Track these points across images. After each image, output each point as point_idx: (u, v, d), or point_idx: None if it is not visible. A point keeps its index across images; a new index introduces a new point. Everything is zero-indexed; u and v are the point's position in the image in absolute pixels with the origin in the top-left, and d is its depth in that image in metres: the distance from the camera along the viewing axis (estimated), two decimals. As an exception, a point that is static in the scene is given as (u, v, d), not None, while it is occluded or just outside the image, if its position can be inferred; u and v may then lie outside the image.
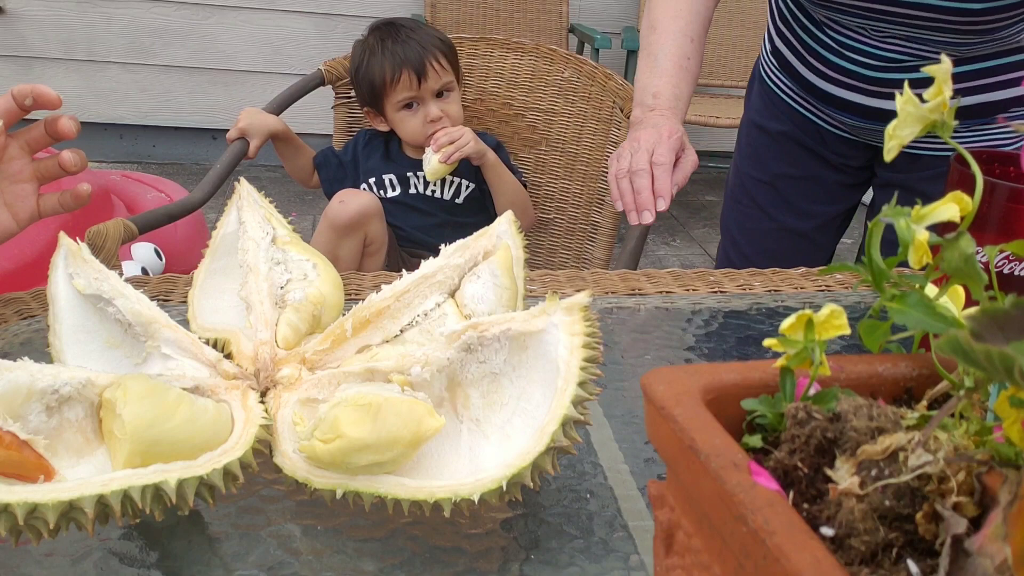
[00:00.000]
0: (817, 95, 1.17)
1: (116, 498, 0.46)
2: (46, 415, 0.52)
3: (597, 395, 0.53)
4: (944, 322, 0.32)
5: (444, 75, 1.52)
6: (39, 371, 0.52)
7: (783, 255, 1.28)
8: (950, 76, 0.36)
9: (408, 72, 1.49)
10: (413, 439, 0.50)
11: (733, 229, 1.37)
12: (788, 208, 1.30)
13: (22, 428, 0.50)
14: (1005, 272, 0.65)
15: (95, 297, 0.61)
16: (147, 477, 0.48)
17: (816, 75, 1.16)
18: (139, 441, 0.49)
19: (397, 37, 1.52)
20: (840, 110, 1.16)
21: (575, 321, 0.53)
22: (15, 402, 0.50)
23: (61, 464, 0.51)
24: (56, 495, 0.45)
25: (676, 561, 0.36)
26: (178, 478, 0.48)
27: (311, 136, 1.68)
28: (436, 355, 0.55)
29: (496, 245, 0.66)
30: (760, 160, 1.31)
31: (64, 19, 3.46)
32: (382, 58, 1.50)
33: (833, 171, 1.27)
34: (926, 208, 0.36)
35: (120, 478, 0.47)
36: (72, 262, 0.62)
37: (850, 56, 1.10)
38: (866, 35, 1.06)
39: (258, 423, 0.54)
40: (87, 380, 0.52)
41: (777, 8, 1.21)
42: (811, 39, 1.14)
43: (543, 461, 0.50)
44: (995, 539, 0.26)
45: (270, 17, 3.56)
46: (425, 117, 1.51)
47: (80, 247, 0.62)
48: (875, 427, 0.32)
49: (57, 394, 0.52)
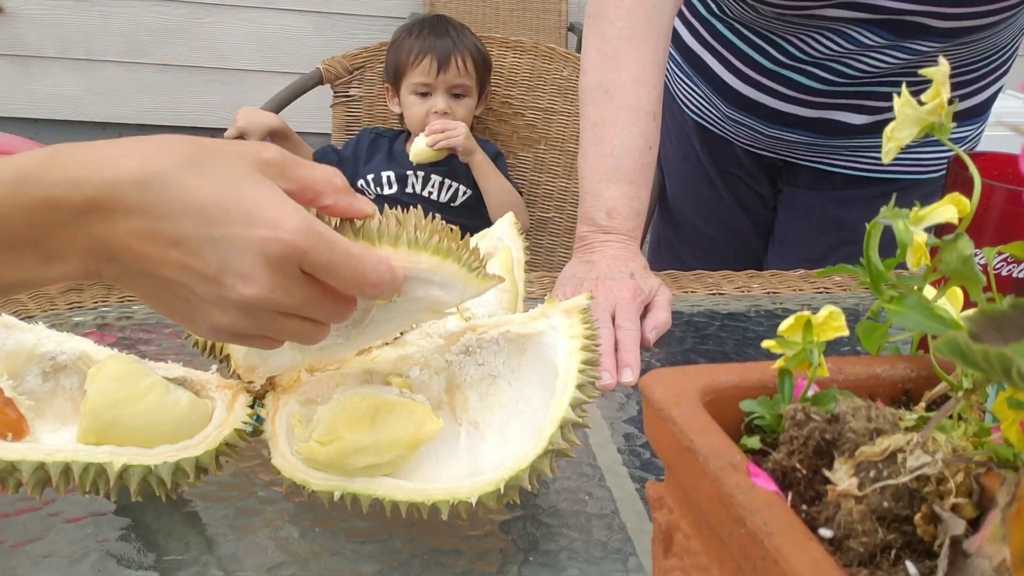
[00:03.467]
0: (738, 102, 1.09)
1: (56, 468, 0.48)
2: (42, 379, 0.55)
3: (595, 398, 0.53)
4: (942, 324, 0.32)
5: (464, 77, 1.56)
6: (47, 337, 0.55)
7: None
8: (948, 79, 0.36)
9: (431, 59, 1.54)
10: (411, 441, 0.50)
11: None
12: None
13: (16, 387, 0.53)
14: (1003, 274, 0.65)
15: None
16: (94, 455, 0.49)
17: (751, 86, 1.06)
18: (95, 419, 0.50)
19: (436, 28, 1.59)
20: (770, 121, 1.08)
21: (574, 324, 0.53)
22: (17, 361, 0.53)
23: (45, 428, 0.53)
24: (1, 454, 0.48)
25: (675, 563, 0.36)
26: (124, 463, 0.49)
27: (309, 135, 1.68)
28: (435, 357, 0.55)
29: (497, 247, 0.66)
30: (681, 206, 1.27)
31: (62, 18, 3.45)
32: (414, 40, 1.57)
33: (741, 211, 1.22)
34: (925, 210, 0.36)
35: (67, 451, 0.49)
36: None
37: (807, 69, 1.01)
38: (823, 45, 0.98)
39: (233, 427, 0.54)
40: (83, 352, 0.55)
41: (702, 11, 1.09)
42: (756, 51, 1.04)
43: (541, 464, 0.50)
44: (993, 540, 0.26)
45: (268, 16, 3.56)
46: (431, 107, 1.55)
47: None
48: (873, 428, 0.32)
49: (54, 361, 0.54)
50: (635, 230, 0.84)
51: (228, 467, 0.57)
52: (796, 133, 1.08)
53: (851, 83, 1.01)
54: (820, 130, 1.07)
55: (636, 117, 0.83)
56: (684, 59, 1.16)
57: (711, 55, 1.10)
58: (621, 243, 0.83)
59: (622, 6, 0.85)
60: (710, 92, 1.13)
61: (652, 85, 0.84)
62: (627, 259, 0.81)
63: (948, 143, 0.39)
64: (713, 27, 1.08)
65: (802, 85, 1.03)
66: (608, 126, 0.84)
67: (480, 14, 3.45)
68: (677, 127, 1.23)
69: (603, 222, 0.83)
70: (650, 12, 0.85)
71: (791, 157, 1.15)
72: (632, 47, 0.84)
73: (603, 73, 0.85)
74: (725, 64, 1.08)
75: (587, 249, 0.83)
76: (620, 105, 0.84)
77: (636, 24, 0.85)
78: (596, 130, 0.84)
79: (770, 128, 1.09)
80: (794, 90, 1.04)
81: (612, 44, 0.85)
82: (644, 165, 0.84)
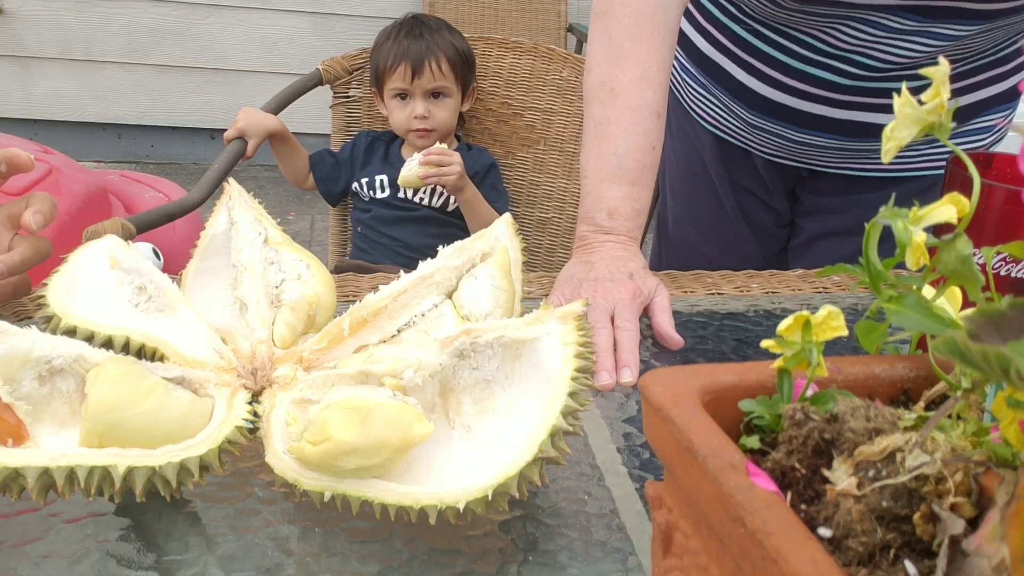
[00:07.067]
0: (763, 107, 1.06)
1: (61, 473, 0.48)
2: (38, 383, 0.54)
3: (587, 406, 0.53)
4: (941, 323, 0.32)
5: (441, 79, 1.55)
6: (40, 340, 0.54)
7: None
8: (948, 78, 0.36)
9: (405, 65, 1.54)
10: (401, 444, 0.50)
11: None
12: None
13: (12, 392, 0.52)
14: (1002, 274, 0.65)
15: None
16: (98, 459, 0.49)
17: (774, 87, 1.04)
18: (97, 423, 0.50)
19: (412, 31, 1.58)
20: (799, 125, 1.05)
21: (569, 330, 0.53)
22: (12, 366, 0.53)
23: (43, 432, 0.53)
24: (4, 460, 0.47)
25: (674, 562, 0.36)
26: (129, 465, 0.49)
27: (309, 136, 1.68)
28: (429, 360, 0.55)
29: (494, 247, 0.66)
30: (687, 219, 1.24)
31: (62, 19, 3.46)
32: (390, 45, 1.57)
33: (747, 229, 1.20)
34: (924, 210, 0.36)
35: (71, 455, 0.49)
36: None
37: (832, 64, 0.99)
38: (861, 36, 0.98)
39: (234, 424, 0.54)
40: (79, 355, 0.55)
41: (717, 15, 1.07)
42: (778, 50, 1.02)
43: (530, 471, 0.49)
44: (992, 539, 0.27)
45: (268, 17, 3.56)
46: (411, 112, 1.56)
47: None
48: (872, 428, 0.32)
49: (49, 365, 0.54)
50: (635, 231, 0.84)
51: (228, 467, 0.57)
52: (824, 137, 1.06)
53: (877, 77, 0.99)
54: (848, 132, 1.05)
55: (640, 117, 0.83)
56: (701, 69, 1.13)
57: (731, 61, 1.08)
58: (621, 244, 0.82)
59: (628, 4, 0.85)
60: (731, 100, 1.11)
61: (657, 84, 0.84)
62: (626, 260, 0.81)
63: (948, 143, 0.39)
64: (732, 31, 1.06)
65: (827, 81, 1.00)
66: (612, 125, 0.83)
67: (479, 15, 3.45)
68: (686, 143, 1.21)
69: (603, 222, 0.83)
70: (656, 10, 0.85)
71: (817, 164, 1.12)
72: (637, 46, 0.84)
73: (608, 71, 0.84)
74: (746, 68, 1.06)
75: (587, 249, 0.83)
76: (624, 104, 0.83)
77: (642, 22, 0.84)
78: (599, 129, 0.84)
79: (797, 132, 1.07)
80: (819, 87, 1.01)
81: (617, 42, 0.85)
82: (647, 166, 0.84)
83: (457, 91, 1.58)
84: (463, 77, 1.58)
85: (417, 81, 1.54)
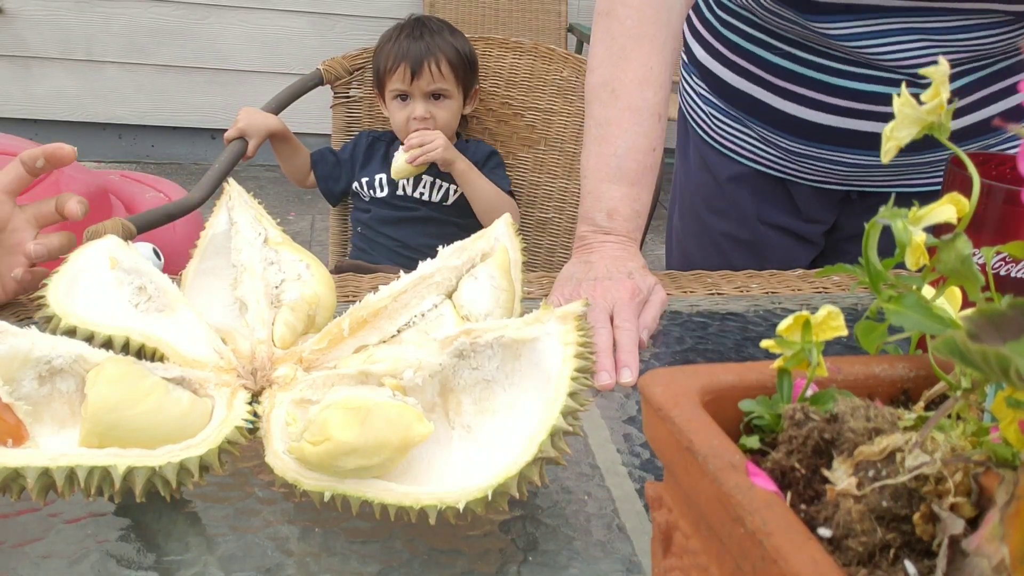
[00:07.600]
0: (804, 132, 1.02)
1: (61, 474, 0.48)
2: (38, 383, 0.54)
3: (587, 406, 0.53)
4: (941, 323, 0.32)
5: (441, 80, 1.55)
6: (40, 340, 0.54)
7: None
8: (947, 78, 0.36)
9: (405, 66, 1.54)
10: (401, 444, 0.50)
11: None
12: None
13: (12, 392, 0.52)
14: (1002, 274, 0.65)
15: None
16: (98, 459, 0.49)
17: (808, 106, 1.00)
18: (97, 423, 0.50)
19: (413, 32, 1.58)
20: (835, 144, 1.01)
21: (569, 330, 0.53)
22: (12, 366, 0.53)
23: (43, 432, 0.53)
24: (4, 460, 0.47)
25: (674, 562, 0.36)
26: (129, 465, 0.49)
27: (309, 136, 1.68)
28: (429, 360, 0.55)
29: (494, 247, 0.66)
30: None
31: (62, 19, 3.46)
32: (390, 47, 1.57)
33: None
34: (923, 210, 0.36)
35: (71, 455, 0.49)
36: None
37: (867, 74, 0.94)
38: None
39: (234, 424, 0.54)
40: (79, 355, 0.55)
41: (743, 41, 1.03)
42: (808, 67, 0.98)
43: (530, 471, 0.49)
44: (992, 539, 0.26)
45: (268, 17, 3.56)
46: (411, 113, 1.56)
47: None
48: (872, 428, 0.32)
49: (49, 365, 0.54)
50: (635, 231, 0.84)
51: (227, 467, 0.57)
52: (872, 156, 1.02)
53: (925, 83, 0.96)
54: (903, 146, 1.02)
55: (641, 118, 0.83)
56: (731, 103, 1.09)
57: (765, 90, 1.04)
58: (620, 244, 0.83)
59: (631, 4, 0.85)
60: (768, 130, 1.06)
61: (659, 86, 0.84)
62: (626, 259, 0.81)
63: (947, 143, 0.39)
64: (764, 60, 1.02)
65: (867, 93, 0.96)
66: (613, 126, 0.83)
67: (480, 15, 3.45)
68: (707, 177, 1.16)
69: (603, 223, 0.83)
70: (659, 11, 0.85)
71: (868, 185, 1.08)
72: (640, 47, 0.84)
73: (610, 72, 0.84)
74: (782, 94, 1.02)
75: (586, 249, 0.83)
76: (625, 105, 0.83)
77: (644, 24, 0.84)
78: (600, 129, 0.84)
79: (844, 154, 1.03)
80: (864, 102, 0.97)
81: (620, 43, 0.85)
82: (647, 167, 0.84)
83: (458, 93, 1.58)
84: (464, 79, 1.58)
85: (417, 82, 1.54)
